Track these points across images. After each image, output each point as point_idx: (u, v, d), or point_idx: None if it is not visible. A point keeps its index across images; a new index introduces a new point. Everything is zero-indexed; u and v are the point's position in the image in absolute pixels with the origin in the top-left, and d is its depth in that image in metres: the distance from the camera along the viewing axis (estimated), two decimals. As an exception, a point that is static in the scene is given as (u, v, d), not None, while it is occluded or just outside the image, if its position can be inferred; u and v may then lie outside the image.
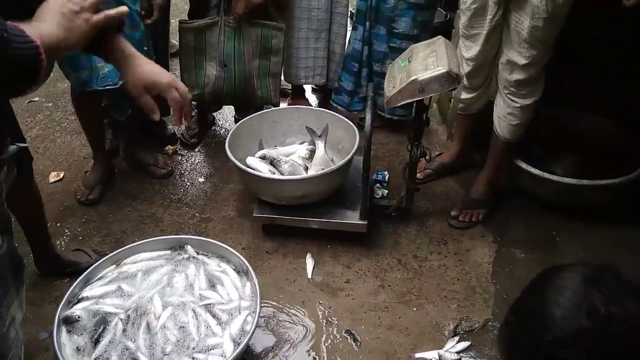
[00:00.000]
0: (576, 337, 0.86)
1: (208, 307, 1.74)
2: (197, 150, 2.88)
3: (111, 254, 1.83)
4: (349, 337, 1.89)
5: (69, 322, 1.61)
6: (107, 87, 2.11)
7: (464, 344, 1.85)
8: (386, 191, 2.53)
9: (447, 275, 2.15)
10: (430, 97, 2.01)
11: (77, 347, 1.57)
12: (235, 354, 1.53)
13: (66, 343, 1.55)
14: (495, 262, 2.20)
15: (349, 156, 2.18)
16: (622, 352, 0.86)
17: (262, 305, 1.73)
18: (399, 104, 1.92)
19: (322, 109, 2.66)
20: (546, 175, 2.26)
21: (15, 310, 1.19)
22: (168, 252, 1.91)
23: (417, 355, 1.82)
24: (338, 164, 2.17)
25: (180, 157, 2.81)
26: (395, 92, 1.91)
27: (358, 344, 1.87)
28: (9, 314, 1.15)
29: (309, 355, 1.83)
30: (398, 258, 2.24)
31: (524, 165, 2.31)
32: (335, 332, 1.91)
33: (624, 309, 0.86)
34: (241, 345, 1.56)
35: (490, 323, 1.94)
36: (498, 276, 2.14)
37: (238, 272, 1.87)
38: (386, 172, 2.65)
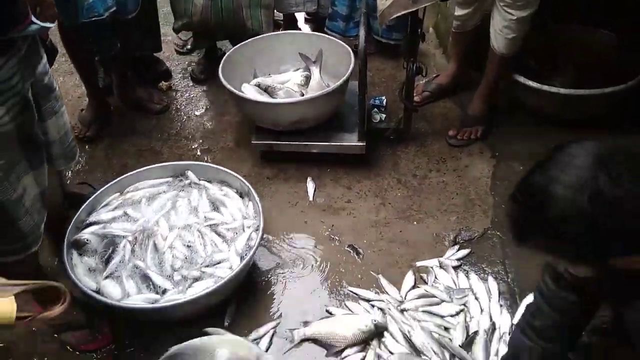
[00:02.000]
0: (576, 217, 0.87)
1: (213, 227, 1.79)
2: (191, 85, 2.85)
3: (114, 181, 1.86)
4: (351, 251, 1.95)
5: (79, 246, 1.65)
6: (93, 19, 2.06)
7: (464, 252, 1.90)
8: (384, 115, 2.52)
9: (447, 191, 2.18)
10: (424, 13, 1.97)
11: (88, 268, 1.62)
12: (241, 266, 1.58)
13: (78, 264, 1.60)
14: (494, 175, 2.23)
15: (345, 77, 2.15)
16: (623, 231, 0.87)
17: (265, 225, 1.76)
18: (393, 17, 1.88)
19: (316, 33, 2.61)
20: (545, 87, 2.24)
21: (29, 183, 1.36)
22: (170, 179, 1.94)
23: (418, 264, 1.88)
24: (333, 86, 2.15)
25: (175, 93, 2.79)
26: (388, 4, 1.87)
27: (361, 256, 1.93)
28: (20, 184, 1.32)
29: (313, 269, 1.89)
30: (398, 178, 2.26)
31: (522, 79, 2.28)
32: (338, 247, 1.96)
33: (630, 192, 0.84)
34: (246, 258, 1.61)
35: (489, 232, 1.99)
36: (497, 188, 2.17)
37: (240, 195, 1.90)
38: (383, 97, 2.62)
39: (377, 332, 1.62)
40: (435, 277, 1.81)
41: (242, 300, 1.75)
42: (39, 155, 1.42)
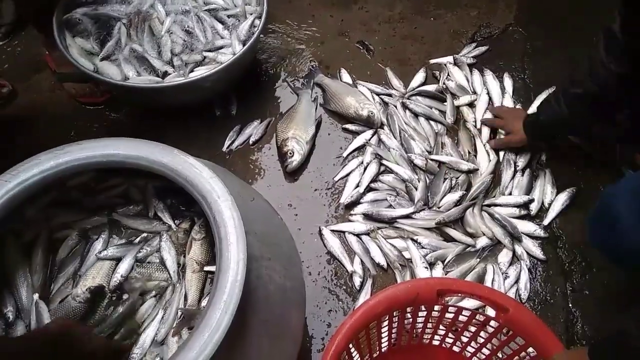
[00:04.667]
0: None
1: (212, 13, 1.66)
2: None
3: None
4: (361, 47, 1.83)
5: (70, 26, 1.54)
6: None
7: (481, 49, 1.78)
8: None
9: (470, -16, 1.98)
10: None
11: (84, 50, 1.53)
12: (244, 49, 1.48)
13: (72, 45, 1.51)
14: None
15: None
16: None
17: (268, 15, 1.62)
18: None
19: None
20: None
21: None
22: (163, -42, 1.74)
23: (432, 61, 1.78)
24: None
25: None
26: None
27: (371, 53, 1.82)
28: None
29: (316, 61, 1.79)
30: (417, -31, 2.03)
31: None
32: (347, 43, 1.84)
33: None
34: (250, 41, 1.50)
35: (511, 28, 1.84)
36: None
37: (241, -21, 1.72)
38: None
39: (372, 123, 1.60)
40: (448, 75, 1.73)
41: (247, 91, 1.70)
42: None
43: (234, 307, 0.73)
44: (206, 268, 0.98)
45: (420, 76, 1.73)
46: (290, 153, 1.52)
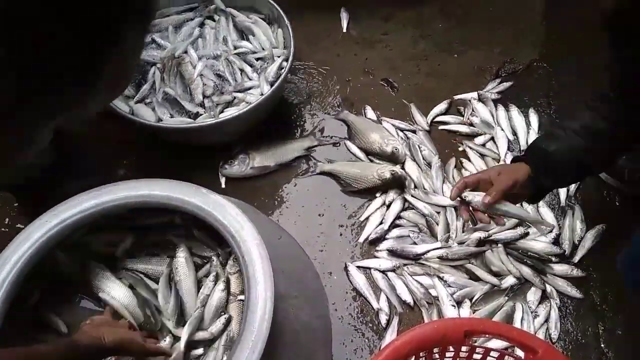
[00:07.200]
0: None
1: (242, 56, 1.73)
2: None
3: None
4: (386, 85, 1.87)
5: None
6: None
7: (505, 85, 1.80)
8: None
9: (494, 22, 2.00)
10: None
11: (120, 93, 1.62)
12: (273, 88, 1.53)
13: (109, 88, 1.60)
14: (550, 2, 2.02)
15: None
16: None
17: (295, 56, 1.67)
18: None
19: None
20: None
21: None
22: (196, 4, 1.83)
23: (456, 97, 1.80)
24: None
25: None
26: None
27: (395, 90, 1.86)
28: None
29: (339, 103, 1.83)
30: (440, 7, 2.08)
31: None
32: (371, 81, 1.89)
33: None
34: (278, 81, 1.56)
35: (535, 64, 1.86)
36: (551, 16, 1.97)
37: (269, 23, 1.80)
38: None
39: (396, 159, 1.62)
40: (473, 110, 1.74)
41: (273, 129, 1.75)
42: None
43: (261, 347, 0.75)
44: (239, 297, 1.01)
45: (442, 106, 1.76)
46: (231, 162, 1.61)
